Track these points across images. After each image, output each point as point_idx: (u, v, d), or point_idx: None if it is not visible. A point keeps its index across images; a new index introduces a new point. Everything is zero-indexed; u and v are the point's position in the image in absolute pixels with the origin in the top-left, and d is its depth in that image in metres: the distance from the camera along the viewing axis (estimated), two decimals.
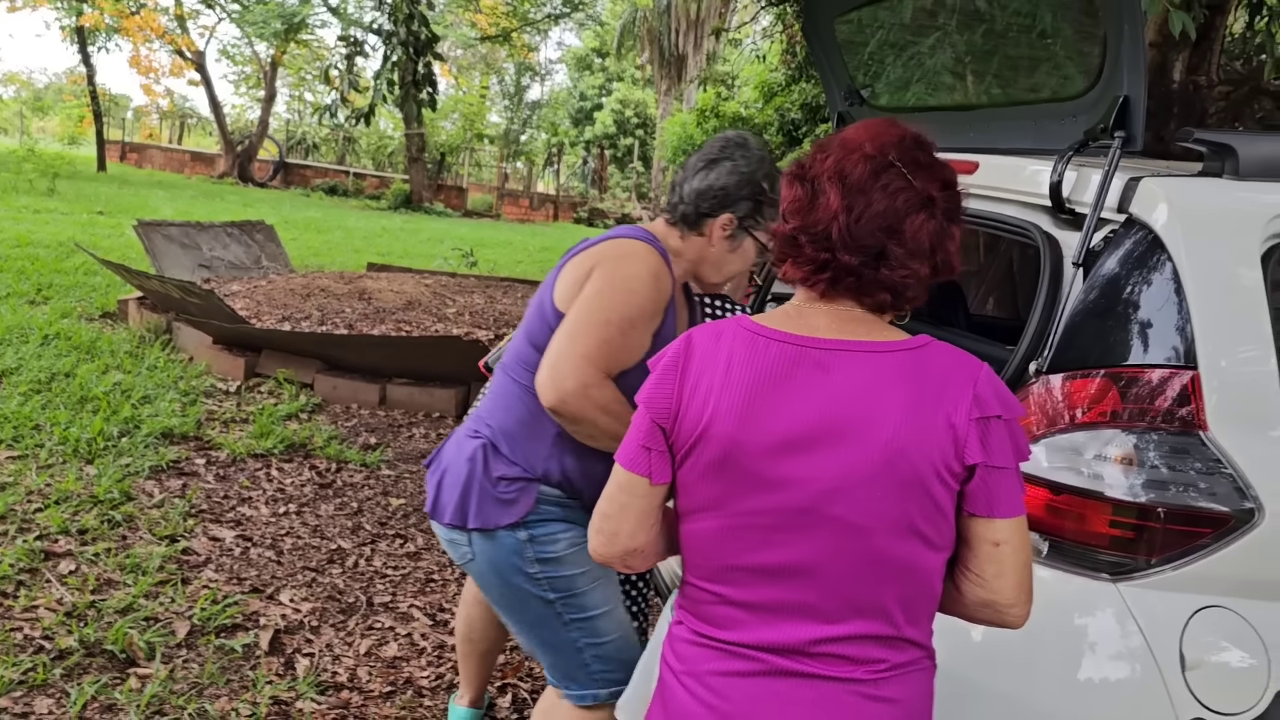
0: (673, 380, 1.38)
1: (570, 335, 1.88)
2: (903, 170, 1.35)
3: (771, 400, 1.32)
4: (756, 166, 2.04)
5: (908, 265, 1.34)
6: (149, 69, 27.18)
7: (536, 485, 2.02)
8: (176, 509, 4.11)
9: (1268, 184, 1.90)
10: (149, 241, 8.16)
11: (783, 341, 1.35)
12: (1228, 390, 1.76)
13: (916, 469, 1.28)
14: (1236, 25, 8.81)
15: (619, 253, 1.97)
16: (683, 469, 1.39)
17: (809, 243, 1.37)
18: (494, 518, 2.01)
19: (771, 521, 1.33)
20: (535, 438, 2.02)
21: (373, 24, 7.97)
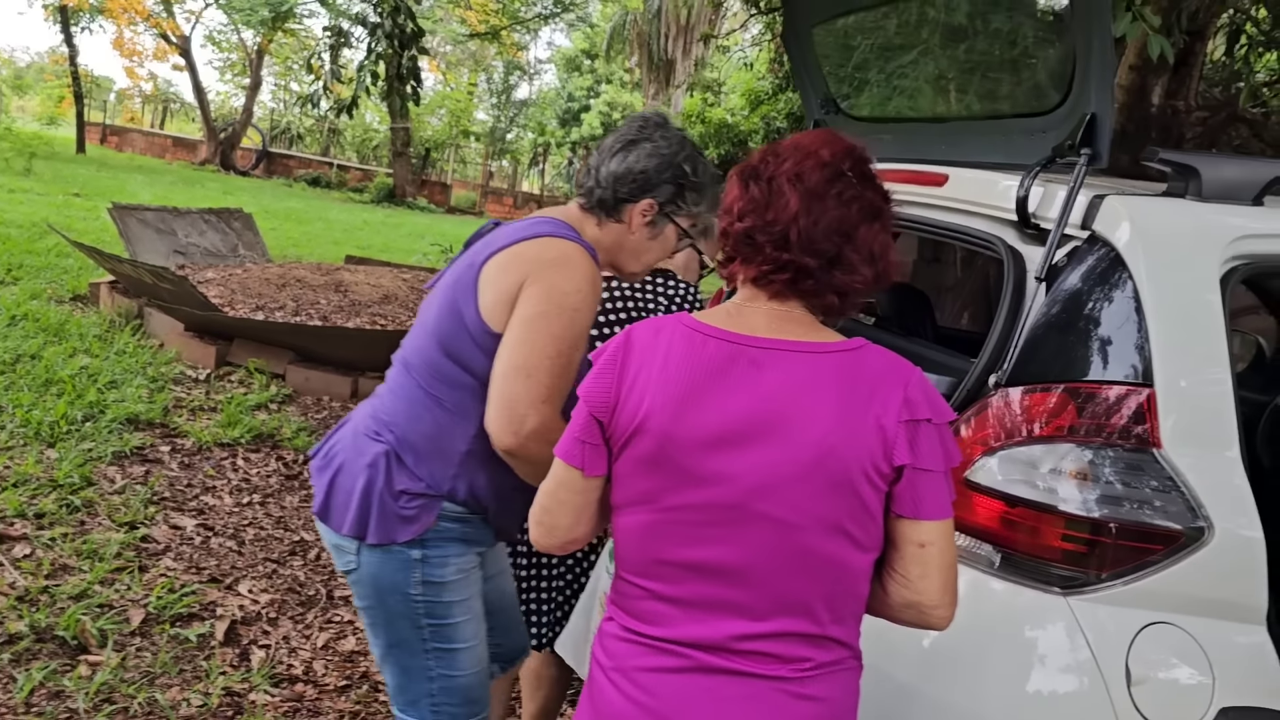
0: (612, 374, 1.40)
1: (525, 372, 1.76)
2: (854, 180, 1.41)
3: (706, 397, 1.35)
4: (678, 149, 1.93)
5: (859, 270, 1.40)
6: (133, 52, 26.96)
7: (440, 502, 1.88)
8: (138, 496, 4.07)
9: (1230, 206, 1.91)
10: (124, 225, 8.08)
11: (720, 339, 1.38)
12: (1183, 410, 1.77)
13: (846, 469, 1.30)
14: (1216, 52, 8.92)
15: (553, 261, 1.81)
16: (618, 462, 1.41)
17: (768, 242, 1.39)
18: (393, 533, 1.86)
19: (702, 517, 1.35)
20: (443, 454, 1.88)
21: (359, 15, 7.93)
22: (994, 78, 2.59)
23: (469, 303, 1.84)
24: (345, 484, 1.90)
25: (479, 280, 1.84)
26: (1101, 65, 1.92)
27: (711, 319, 1.42)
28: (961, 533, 1.84)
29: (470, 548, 1.97)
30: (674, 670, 1.38)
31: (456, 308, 1.86)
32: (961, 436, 1.86)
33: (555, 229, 1.88)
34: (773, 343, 1.37)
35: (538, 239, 1.85)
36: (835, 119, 2.94)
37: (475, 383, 1.84)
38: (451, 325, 1.86)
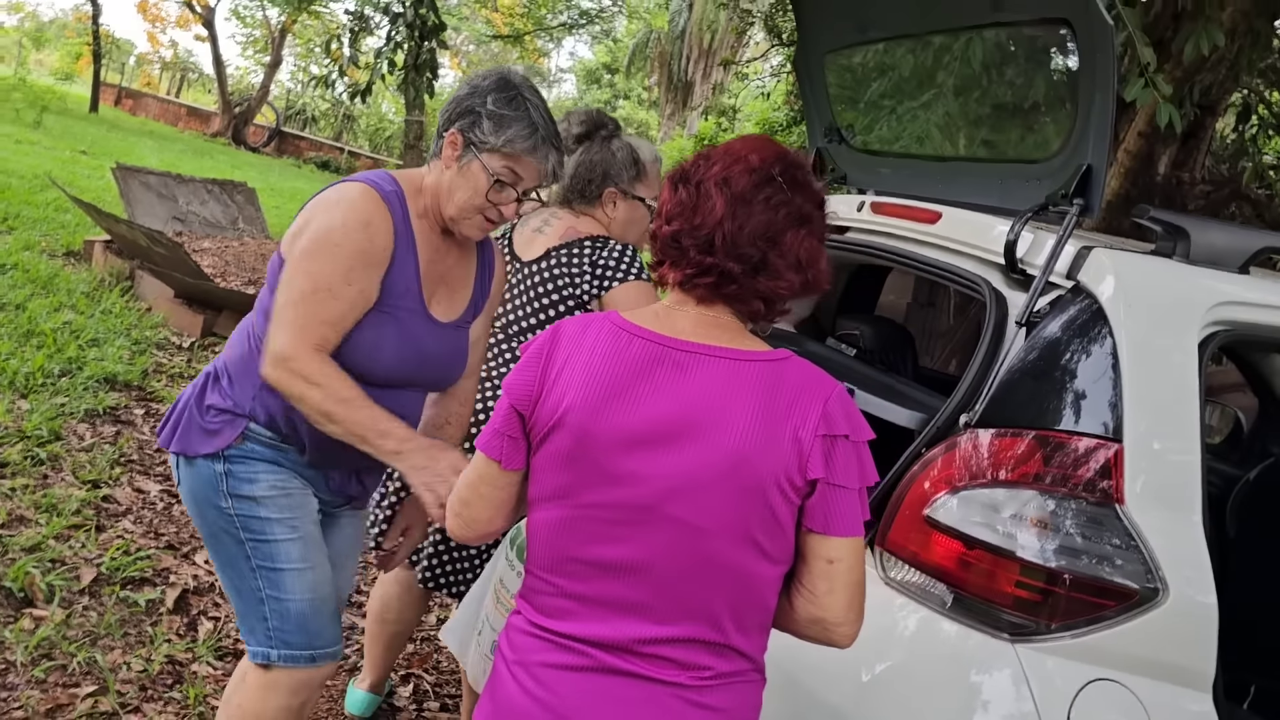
0: (536, 368, 1.41)
1: (280, 305, 1.84)
2: (783, 185, 1.40)
3: (627, 396, 1.36)
4: (494, 82, 1.91)
5: (785, 276, 1.40)
6: (156, 17, 26.97)
7: (244, 421, 1.93)
8: (105, 455, 4.04)
9: (1215, 271, 1.92)
10: (125, 186, 8.06)
11: (645, 339, 1.39)
12: (1149, 469, 1.76)
13: (759, 477, 1.31)
14: (1227, 129, 8.99)
15: (327, 203, 1.88)
16: (536, 456, 1.42)
17: (693, 246, 1.40)
18: (194, 445, 1.93)
19: (614, 515, 1.35)
20: (245, 377, 1.94)
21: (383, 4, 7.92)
22: (997, 123, 2.60)
23: (285, 238, 1.94)
24: (178, 402, 2.02)
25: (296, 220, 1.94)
26: (1102, 121, 1.93)
27: (640, 319, 1.43)
28: (916, 569, 1.83)
29: (283, 470, 1.98)
30: (575, 669, 1.38)
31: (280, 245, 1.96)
32: (927, 473, 1.86)
33: (364, 176, 1.94)
34: (697, 347, 1.38)
35: (340, 184, 1.93)
36: (837, 148, 2.94)
37: None
38: (273, 266, 1.95)
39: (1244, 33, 5.81)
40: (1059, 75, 2.24)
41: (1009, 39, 2.41)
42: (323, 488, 2.06)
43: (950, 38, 2.57)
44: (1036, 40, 2.32)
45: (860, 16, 2.70)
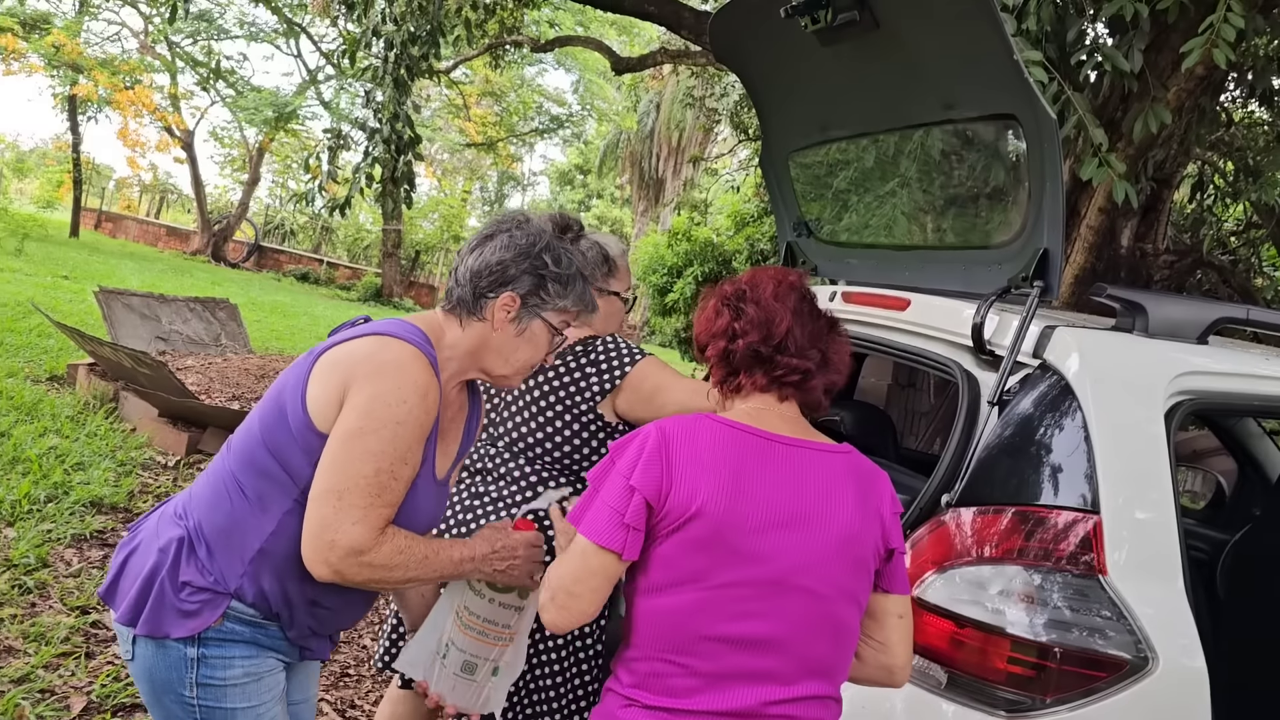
0: (659, 464, 1.54)
1: (336, 494, 1.62)
2: (810, 300, 1.72)
3: (753, 485, 1.54)
4: (535, 239, 1.84)
5: (840, 370, 1.69)
6: (136, 143, 27.43)
7: (227, 600, 1.70)
8: (93, 580, 4.00)
9: (1174, 343, 1.99)
10: (108, 309, 8.12)
11: (754, 435, 1.60)
12: (1129, 539, 1.81)
13: (863, 550, 1.58)
14: (1184, 200, 9.26)
15: (381, 366, 1.67)
16: (663, 546, 1.54)
17: (773, 352, 1.65)
18: (166, 626, 1.69)
19: (749, 593, 1.52)
20: (233, 549, 1.71)
21: (359, 120, 8.17)
22: (958, 212, 2.71)
23: (296, 394, 1.71)
24: (135, 566, 1.75)
25: (311, 373, 1.72)
26: (1054, 206, 2.03)
27: (739, 417, 1.64)
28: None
29: (264, 652, 1.77)
30: None
31: (282, 398, 1.73)
32: (914, 555, 1.89)
33: (396, 329, 1.75)
34: (796, 441, 1.61)
35: (373, 337, 1.73)
36: (806, 241, 3.04)
37: (285, 476, 1.70)
38: (274, 414, 1.73)
39: (1190, 109, 6.05)
40: (1012, 165, 2.35)
41: (964, 132, 2.53)
42: (295, 656, 1.86)
43: (908, 133, 2.69)
44: (988, 134, 2.44)
45: (821, 118, 2.82)
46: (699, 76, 16.48)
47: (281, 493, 1.69)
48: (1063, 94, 4.54)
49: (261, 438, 1.72)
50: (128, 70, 24.76)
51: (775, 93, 2.90)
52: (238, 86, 27.20)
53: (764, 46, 2.68)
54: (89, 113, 26.07)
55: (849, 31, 2.29)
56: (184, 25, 24.77)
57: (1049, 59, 4.56)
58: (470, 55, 17.15)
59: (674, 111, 29.29)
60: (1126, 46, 4.68)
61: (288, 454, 1.69)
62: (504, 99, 29.71)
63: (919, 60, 2.31)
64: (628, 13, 9.22)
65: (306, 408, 1.68)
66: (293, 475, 1.69)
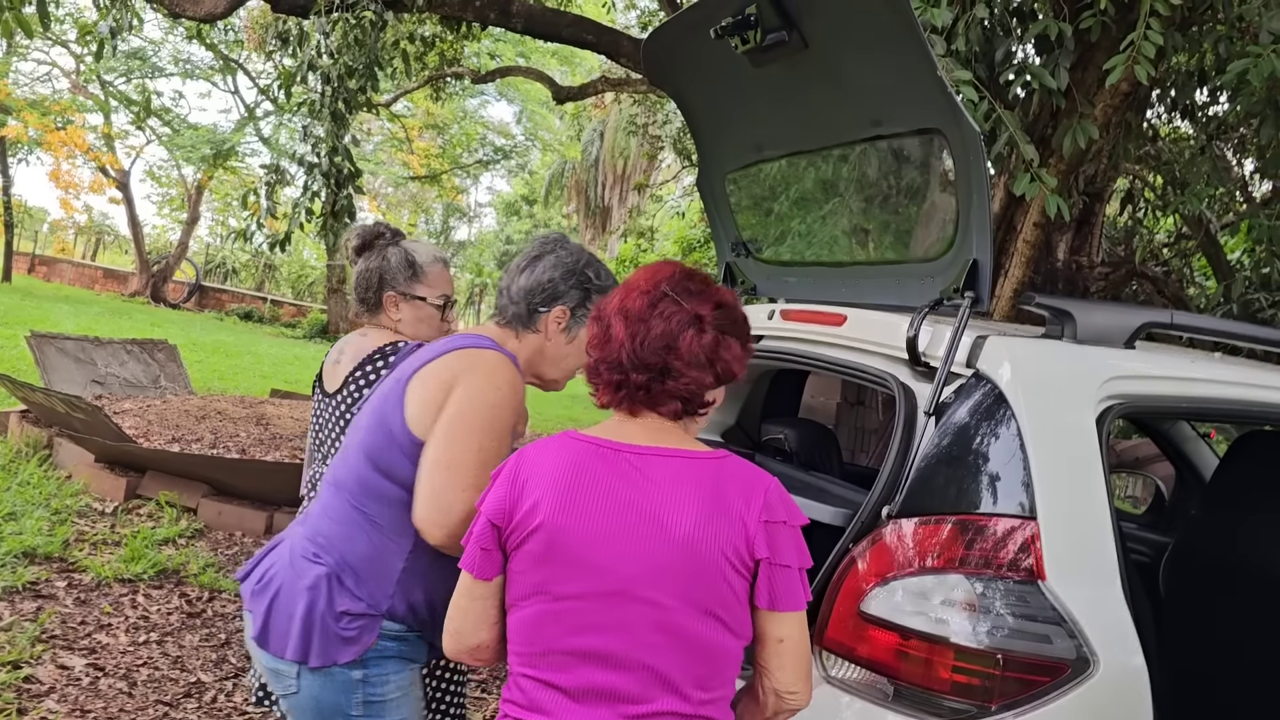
0: (506, 485, 1.57)
1: (449, 466, 1.81)
2: (675, 298, 1.61)
3: (591, 496, 1.52)
4: (578, 256, 2.07)
5: (688, 374, 1.58)
6: (69, 184, 26.91)
7: (380, 621, 1.91)
8: (26, 633, 3.87)
9: (1102, 349, 2.03)
10: (40, 354, 7.92)
11: (602, 446, 1.58)
12: (1065, 543, 1.82)
13: (713, 558, 1.49)
14: (1116, 213, 9.49)
15: (472, 367, 1.90)
16: (512, 561, 1.56)
17: (606, 369, 1.62)
18: (334, 654, 1.88)
19: (589, 604, 1.50)
20: (381, 574, 1.91)
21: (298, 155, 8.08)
22: (891, 227, 2.74)
23: (396, 415, 1.90)
24: (285, 607, 1.92)
25: (405, 393, 1.91)
26: (982, 218, 2.06)
27: (596, 431, 1.62)
28: (856, 665, 1.84)
29: (408, 665, 1.98)
30: None
31: (385, 422, 1.92)
32: (856, 568, 1.89)
33: (475, 341, 1.98)
34: (649, 449, 1.57)
35: (459, 351, 1.94)
36: (745, 261, 3.06)
37: (407, 496, 1.87)
38: (381, 439, 1.91)
39: (1117, 125, 6.21)
40: (941, 178, 2.39)
41: (894, 148, 2.57)
42: (425, 657, 2.04)
43: (842, 151, 2.73)
44: (917, 149, 2.48)
45: (755, 138, 2.84)
46: (641, 104, 16.61)
47: (409, 512, 1.87)
48: (993, 112, 4.64)
49: (373, 466, 1.92)
50: (59, 110, 24.31)
51: (709, 114, 2.92)
52: (174, 124, 26.83)
53: (696, 68, 2.70)
54: (19, 154, 25.54)
55: (779, 52, 2.32)
56: (116, 64, 24.39)
57: (979, 78, 4.66)
58: (410, 88, 17.10)
59: (618, 139, 29.46)
60: (1053, 65, 4.80)
61: (401, 472, 1.88)
62: (447, 131, 29.66)
63: (847, 78, 2.34)
64: (567, 42, 9.26)
65: (409, 425, 1.88)
66: (411, 492, 1.87)
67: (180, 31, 22.06)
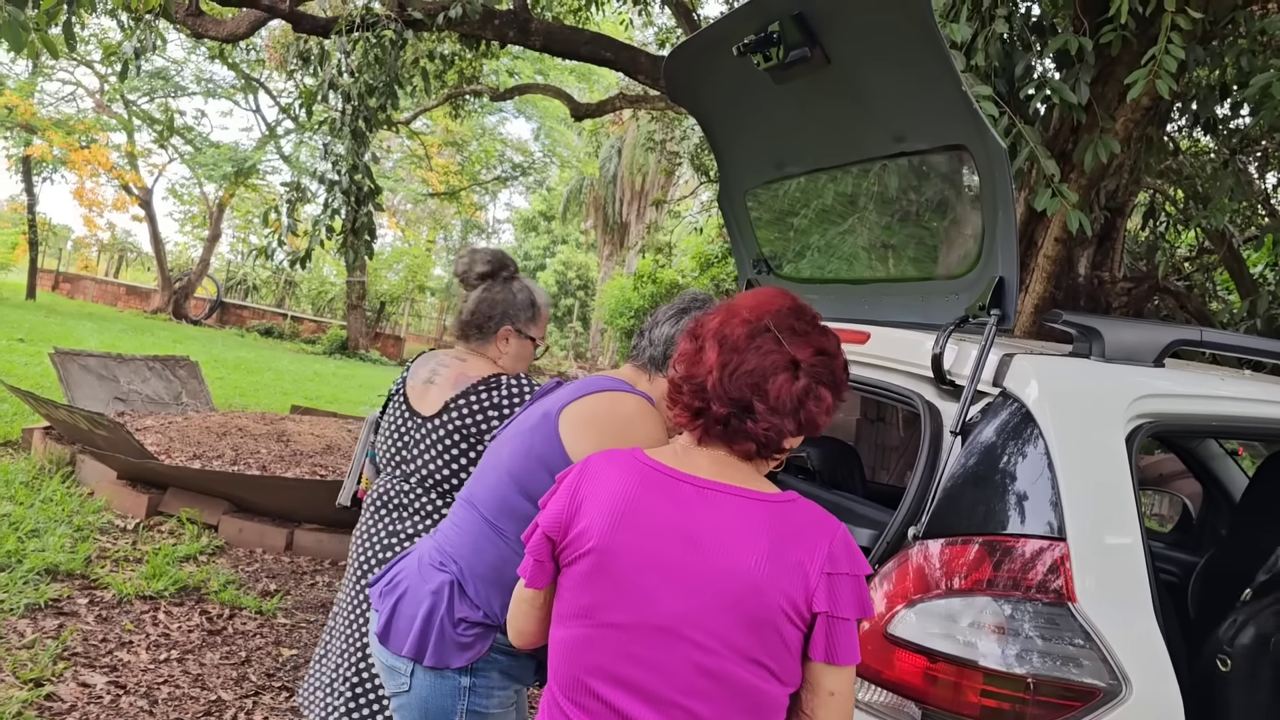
0: (565, 498, 1.55)
1: None
2: (776, 335, 1.53)
3: (647, 524, 1.48)
4: (697, 303, 2.18)
5: (770, 420, 1.51)
6: (93, 202, 27.19)
7: (494, 632, 1.99)
8: (48, 651, 3.88)
9: (1131, 367, 2.00)
10: (64, 371, 7.98)
11: (664, 473, 1.53)
12: (1097, 564, 1.79)
13: (767, 607, 1.42)
14: (1138, 228, 9.44)
15: (631, 415, 1.99)
16: (563, 576, 1.54)
17: (690, 391, 1.56)
18: (448, 658, 1.97)
19: (629, 636, 1.47)
20: (503, 585, 1.97)
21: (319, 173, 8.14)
22: (914, 244, 2.72)
23: (552, 445, 1.98)
24: (408, 609, 2.02)
25: (559, 427, 2.00)
26: (1008, 235, 2.04)
27: (659, 455, 1.57)
28: (883, 688, 1.82)
29: (512, 682, 2.05)
30: None
31: (535, 451, 2.00)
32: (882, 590, 1.87)
33: (615, 384, 2.07)
34: (712, 484, 1.51)
35: (604, 393, 2.04)
36: (766, 278, 3.05)
37: None
38: (530, 466, 2.00)
39: (1138, 139, 6.17)
40: (965, 195, 2.37)
41: (918, 165, 2.56)
42: (531, 681, 2.12)
43: (865, 168, 2.72)
44: (941, 165, 2.46)
45: (777, 154, 2.84)
46: (659, 120, 16.65)
47: None
48: (1014, 127, 4.62)
49: (519, 490, 2.00)
50: (83, 129, 24.60)
51: (730, 131, 2.92)
52: (196, 143, 27.10)
53: (718, 85, 2.70)
54: (44, 173, 25.84)
55: (801, 68, 2.31)
56: (140, 83, 24.69)
57: (999, 94, 4.64)
58: (430, 105, 17.22)
59: (636, 156, 29.56)
60: (1073, 80, 4.78)
61: None
62: (465, 148, 29.84)
63: (870, 95, 2.33)
64: (585, 60, 9.30)
65: (567, 455, 1.94)
66: None
67: (203, 51, 22.35)
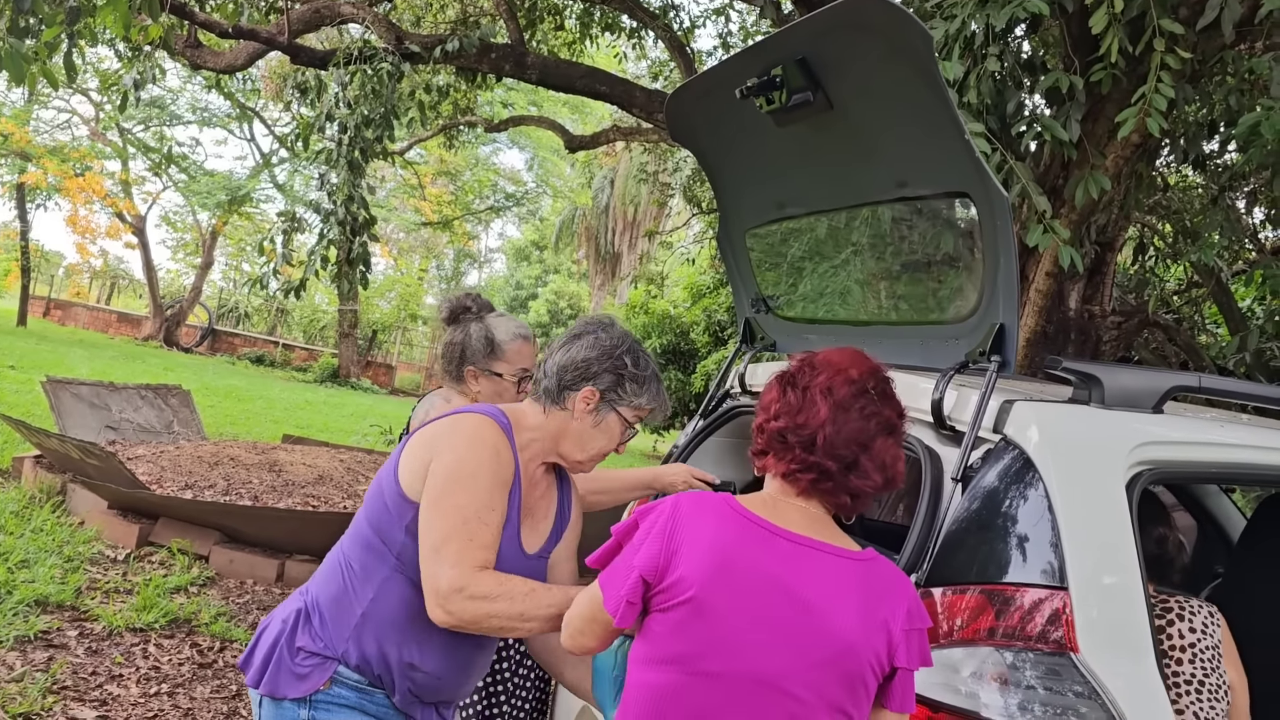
0: (661, 541, 1.57)
1: (434, 550, 1.83)
2: (875, 397, 1.64)
3: (748, 577, 1.52)
4: (619, 342, 2.07)
5: (871, 476, 1.61)
6: (86, 229, 27.18)
7: (334, 665, 1.91)
8: (37, 684, 3.84)
9: (1131, 413, 2.01)
10: (55, 399, 7.95)
11: (761, 526, 1.57)
12: (1098, 613, 1.79)
13: (859, 662, 1.50)
14: (1127, 262, 9.50)
15: (453, 432, 1.93)
16: (656, 620, 1.55)
17: (797, 443, 1.62)
18: (283, 687, 1.90)
19: (728, 686, 1.50)
20: (340, 618, 1.93)
21: (313, 202, 8.16)
22: (914, 288, 2.74)
23: (389, 475, 1.96)
24: (266, 636, 1.98)
25: (401, 455, 1.97)
26: (1009, 281, 2.06)
27: (752, 505, 1.61)
28: None
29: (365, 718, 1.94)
30: None
31: (380, 478, 1.98)
32: None
33: (482, 409, 2.01)
34: (806, 540, 1.57)
35: (452, 416, 1.99)
36: (765, 317, 3.06)
37: (382, 546, 1.92)
38: (374, 494, 1.97)
39: (1128, 175, 6.24)
40: (966, 241, 2.39)
41: (919, 209, 2.58)
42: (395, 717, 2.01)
43: (866, 211, 2.73)
44: (942, 211, 2.49)
45: (778, 196, 2.86)
46: (651, 152, 16.75)
47: (380, 561, 1.92)
48: (1005, 164, 4.66)
49: (365, 518, 1.96)
50: (78, 157, 24.63)
51: (732, 171, 2.94)
52: (190, 171, 27.15)
53: (719, 126, 2.72)
54: (38, 200, 25.83)
55: (804, 112, 2.33)
56: (136, 112, 24.76)
57: (990, 130, 4.70)
58: (424, 136, 17.30)
59: (628, 187, 29.69)
60: (1064, 117, 4.83)
61: (385, 525, 1.92)
62: (459, 178, 29.98)
63: (873, 140, 2.35)
64: (580, 93, 9.37)
65: (399, 480, 1.92)
66: (388, 544, 1.91)
67: (199, 81, 22.41)
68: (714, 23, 15.37)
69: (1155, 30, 4.34)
